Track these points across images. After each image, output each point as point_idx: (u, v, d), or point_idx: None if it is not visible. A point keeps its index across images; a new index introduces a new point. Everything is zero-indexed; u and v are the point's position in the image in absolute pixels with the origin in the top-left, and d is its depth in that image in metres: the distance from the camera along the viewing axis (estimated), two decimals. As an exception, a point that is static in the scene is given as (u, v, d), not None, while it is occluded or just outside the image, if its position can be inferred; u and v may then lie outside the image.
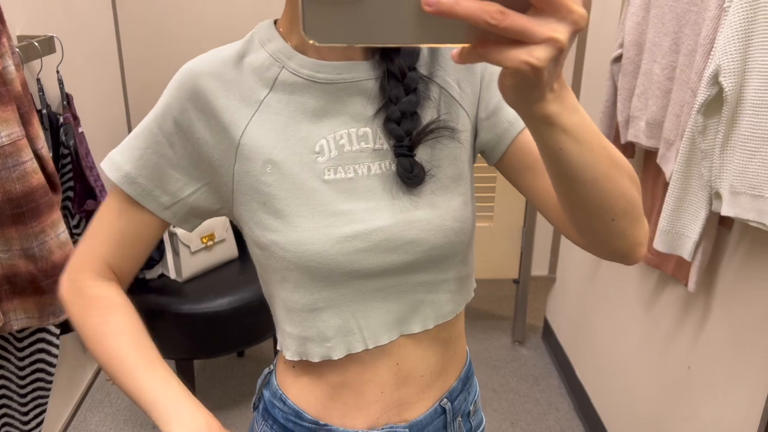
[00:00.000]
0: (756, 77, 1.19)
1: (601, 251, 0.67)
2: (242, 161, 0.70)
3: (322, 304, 0.72)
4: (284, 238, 0.69)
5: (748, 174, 1.22)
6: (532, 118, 0.52)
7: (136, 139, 0.73)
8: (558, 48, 0.45)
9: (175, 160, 0.72)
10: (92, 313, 0.74)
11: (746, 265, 1.37)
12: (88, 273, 0.75)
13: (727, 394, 1.43)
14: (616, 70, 1.76)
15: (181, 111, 0.70)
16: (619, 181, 0.59)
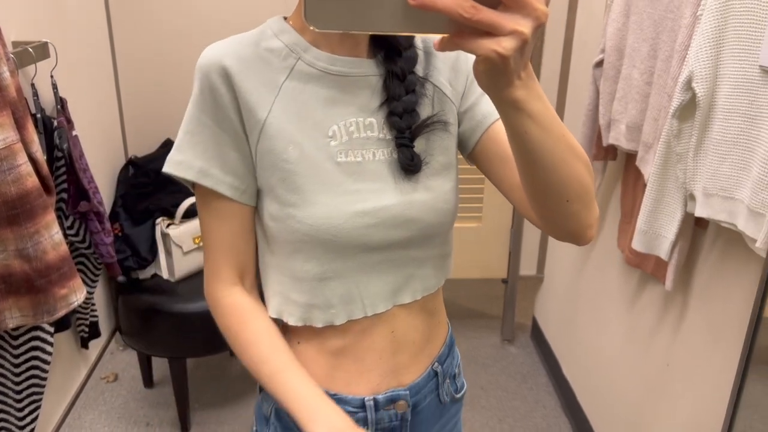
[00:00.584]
0: (726, 83, 1.23)
1: (557, 231, 0.75)
2: (266, 140, 0.76)
3: (330, 274, 0.79)
4: (303, 212, 0.76)
5: (719, 176, 1.26)
6: (501, 102, 0.59)
7: (189, 134, 0.77)
8: (522, 39, 0.52)
9: (228, 140, 0.77)
10: (232, 321, 0.81)
11: (721, 264, 1.41)
12: (219, 284, 0.81)
13: (703, 389, 1.47)
14: (598, 74, 1.81)
15: (217, 92, 0.75)
16: (575, 167, 0.67)
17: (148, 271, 2.21)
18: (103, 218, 1.92)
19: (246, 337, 0.80)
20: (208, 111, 0.76)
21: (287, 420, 0.85)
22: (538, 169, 0.65)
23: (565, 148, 0.65)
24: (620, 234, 1.85)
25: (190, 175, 0.77)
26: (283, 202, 0.77)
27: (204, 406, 2.34)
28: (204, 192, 0.78)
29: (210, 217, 0.79)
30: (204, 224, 0.81)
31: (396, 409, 0.87)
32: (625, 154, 1.81)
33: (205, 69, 0.75)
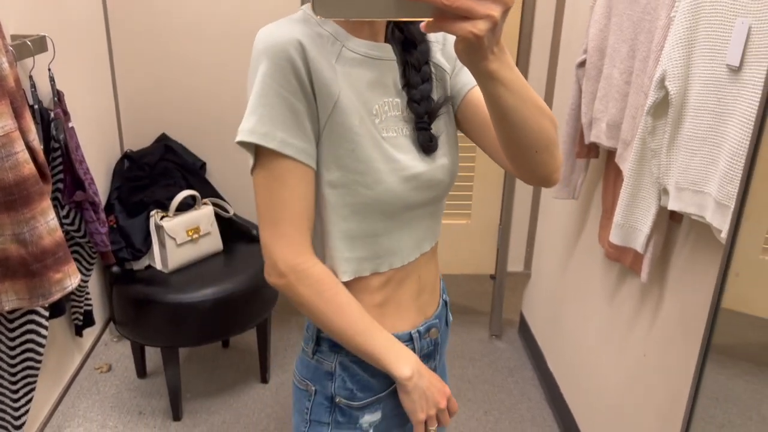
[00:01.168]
0: (697, 82, 1.29)
1: (529, 177, 0.90)
2: (339, 113, 0.86)
3: (380, 231, 0.93)
4: (368, 178, 0.88)
5: (690, 171, 1.31)
6: (479, 73, 0.73)
7: (269, 106, 0.83)
8: (493, 21, 0.65)
9: (302, 110, 0.84)
10: (325, 289, 0.89)
11: (694, 256, 1.46)
12: (302, 254, 0.87)
13: (677, 378, 1.52)
14: (580, 74, 1.86)
15: (295, 65, 0.82)
16: (541, 122, 0.81)
17: (142, 263, 2.25)
18: (98, 208, 1.97)
19: (341, 300, 0.89)
20: (286, 84, 0.82)
21: (353, 369, 0.98)
22: (511, 126, 0.79)
23: (533, 107, 0.79)
24: (601, 229, 1.90)
25: (274, 144, 0.83)
26: (349, 170, 0.87)
27: (196, 395, 2.39)
28: (281, 162, 0.84)
29: (284, 186, 0.84)
30: (275, 195, 0.85)
31: (431, 336, 1.04)
32: (606, 152, 1.86)
33: (281, 45, 0.81)
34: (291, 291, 0.88)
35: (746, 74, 1.15)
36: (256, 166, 0.86)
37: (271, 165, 0.85)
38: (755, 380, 1.22)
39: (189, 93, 2.57)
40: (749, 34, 1.14)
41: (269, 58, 0.81)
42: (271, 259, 0.87)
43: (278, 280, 0.88)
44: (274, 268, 0.87)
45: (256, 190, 0.86)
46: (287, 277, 0.87)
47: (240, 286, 2.21)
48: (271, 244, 0.86)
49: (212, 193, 2.51)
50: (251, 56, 0.84)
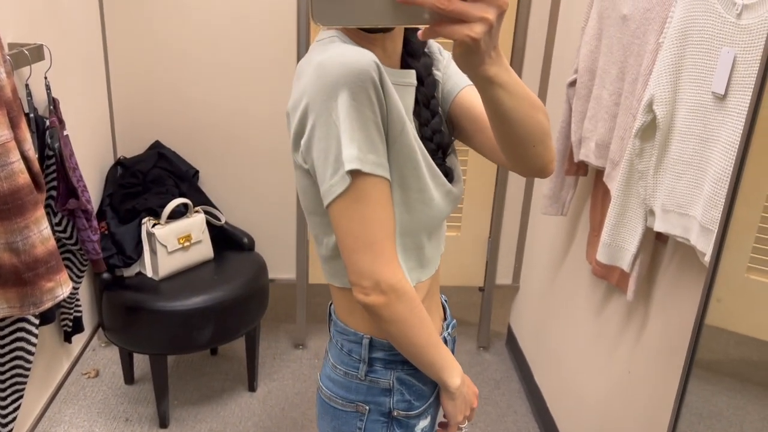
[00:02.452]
0: (684, 107, 1.32)
1: (526, 170, 0.94)
2: (404, 136, 0.88)
3: (425, 243, 0.98)
4: (425, 195, 0.92)
5: (676, 194, 1.34)
6: (477, 77, 0.74)
7: (362, 130, 0.83)
8: (489, 24, 0.67)
9: (381, 132, 0.86)
10: (415, 305, 0.91)
11: (678, 277, 1.49)
12: (399, 272, 0.88)
13: (660, 397, 1.55)
14: (571, 93, 1.89)
15: (377, 89, 0.83)
16: (537, 118, 0.84)
17: (132, 269, 2.26)
18: (91, 216, 1.97)
19: (424, 315, 0.93)
20: (370, 105, 0.82)
21: (410, 381, 1.02)
22: (510, 126, 0.82)
23: (529, 105, 0.82)
24: (589, 247, 1.93)
25: (369, 167, 0.83)
26: (410, 189, 0.91)
27: (183, 403, 2.39)
28: (375, 184, 0.85)
29: (379, 206, 0.85)
30: (371, 217, 0.85)
31: (453, 335, 1.14)
32: (595, 171, 1.89)
33: (363, 67, 0.81)
34: (389, 309, 0.88)
35: (731, 102, 1.18)
36: (345, 193, 0.84)
37: (365, 188, 0.84)
38: (738, 396, 1.25)
39: (183, 101, 2.58)
40: (734, 63, 1.17)
41: (353, 81, 0.81)
42: (373, 279, 0.86)
43: (378, 299, 0.87)
44: (375, 289, 0.87)
45: (343, 215, 0.85)
46: (388, 295, 0.87)
47: (230, 295, 2.22)
48: (372, 264, 0.86)
49: (204, 201, 2.52)
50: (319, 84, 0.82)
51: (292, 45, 2.48)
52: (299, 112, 0.85)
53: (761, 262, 1.13)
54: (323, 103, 0.81)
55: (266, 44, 2.48)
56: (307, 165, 0.89)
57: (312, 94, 0.82)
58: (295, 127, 0.87)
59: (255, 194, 2.70)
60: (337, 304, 1.04)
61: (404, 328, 0.90)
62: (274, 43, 2.48)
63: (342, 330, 1.03)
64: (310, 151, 0.86)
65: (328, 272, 1.01)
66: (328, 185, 0.85)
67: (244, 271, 2.34)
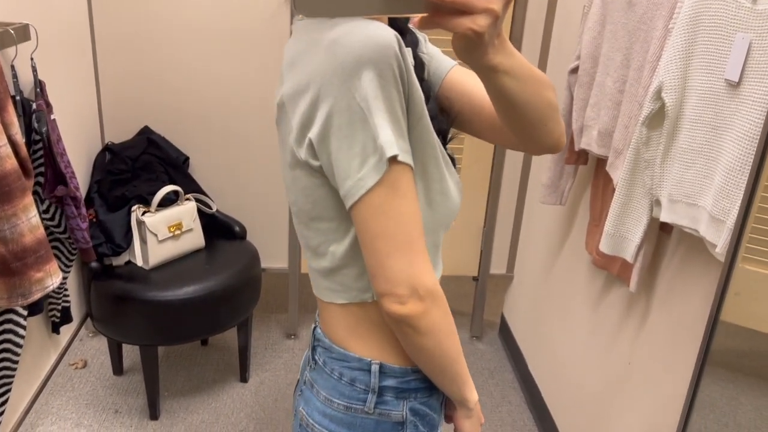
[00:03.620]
0: (694, 94, 1.29)
1: (537, 149, 0.88)
2: (426, 118, 0.78)
3: (440, 241, 0.87)
4: (444, 186, 0.82)
5: (684, 184, 1.32)
6: (480, 68, 0.68)
7: (395, 113, 0.72)
8: (494, 16, 0.60)
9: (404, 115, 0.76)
10: (447, 311, 0.80)
11: (682, 268, 1.47)
12: (433, 274, 0.77)
13: (661, 389, 1.53)
14: (572, 80, 1.86)
15: (402, 69, 0.72)
16: (545, 94, 0.79)
17: (121, 258, 2.20)
18: (80, 203, 1.91)
19: (453, 322, 0.82)
20: (397, 86, 0.72)
21: (423, 410, 0.90)
22: (518, 109, 0.76)
23: (536, 83, 0.76)
24: (588, 236, 1.90)
25: (402, 155, 0.72)
26: (433, 179, 0.80)
27: (174, 394, 2.35)
28: (405, 173, 0.73)
29: (410, 199, 0.74)
30: (405, 212, 0.73)
31: None
32: (596, 159, 1.86)
33: (390, 44, 0.70)
34: (427, 318, 0.76)
35: (745, 90, 1.15)
36: (378, 185, 0.72)
37: (401, 179, 0.73)
38: (731, 387, 1.24)
39: (173, 85, 2.52)
40: (750, 49, 1.14)
41: (379, 57, 0.69)
42: (411, 284, 0.74)
43: (417, 307, 0.75)
44: (413, 295, 0.74)
45: (376, 212, 0.73)
46: (426, 301, 0.75)
47: (222, 285, 2.17)
48: (410, 267, 0.73)
49: (195, 189, 2.47)
50: (336, 64, 0.70)
51: (284, 27, 2.42)
52: (306, 99, 0.73)
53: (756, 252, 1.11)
54: (342, 84, 0.70)
55: (258, 26, 2.42)
56: (318, 161, 0.76)
57: (326, 77, 0.71)
58: (300, 119, 0.75)
59: (247, 181, 2.65)
60: (335, 324, 0.88)
61: (440, 337, 0.79)
62: (265, 25, 2.42)
63: (341, 356, 0.88)
64: (327, 142, 0.73)
65: (330, 288, 0.87)
66: (355, 179, 0.72)
67: (236, 260, 2.30)
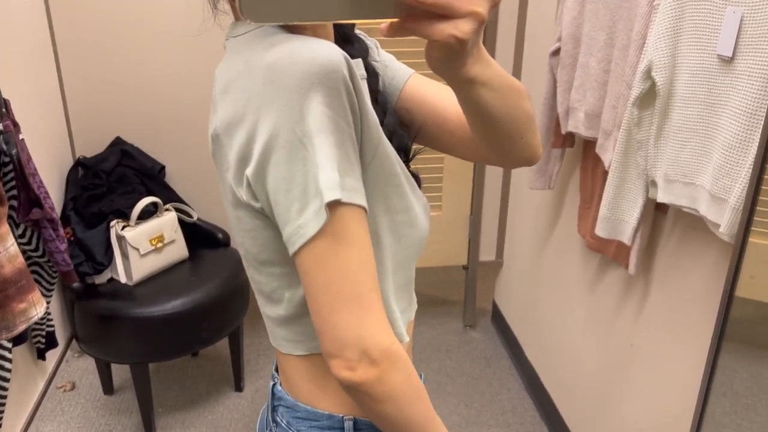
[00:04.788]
0: (685, 72, 1.27)
1: (513, 163, 0.80)
2: (383, 146, 0.69)
3: (413, 274, 0.79)
4: (410, 215, 0.74)
5: (680, 163, 1.30)
6: (457, 81, 0.60)
7: (344, 147, 0.62)
8: (480, 21, 0.52)
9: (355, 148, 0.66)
10: (411, 371, 0.68)
11: (681, 247, 1.46)
12: (391, 333, 0.65)
13: (666, 368, 1.52)
14: (554, 63, 1.83)
15: (350, 93, 0.63)
16: (522, 106, 0.71)
17: (104, 276, 2.13)
18: (57, 225, 1.84)
19: (420, 383, 0.69)
20: (344, 114, 0.62)
21: None
22: (495, 123, 0.68)
23: (514, 95, 0.69)
24: (580, 219, 1.89)
25: (357, 197, 0.63)
26: (396, 210, 0.72)
27: (168, 410, 2.30)
28: (354, 215, 0.63)
29: (362, 247, 0.63)
30: (353, 261, 0.63)
31: None
32: (583, 141, 1.84)
33: (337, 67, 0.61)
34: (383, 384, 0.64)
35: (740, 65, 1.13)
36: (321, 234, 0.61)
37: (347, 224, 0.62)
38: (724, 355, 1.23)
39: (142, 93, 2.44)
40: (741, 23, 1.12)
41: (324, 83, 0.60)
42: (359, 347, 0.62)
43: (369, 373, 0.63)
44: (362, 359, 0.62)
45: (318, 264, 0.62)
46: (381, 365, 0.63)
47: (210, 295, 2.12)
48: (359, 327, 0.62)
49: (174, 198, 2.40)
50: (273, 91, 0.60)
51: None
52: (243, 132, 0.62)
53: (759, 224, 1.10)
54: (281, 116, 0.60)
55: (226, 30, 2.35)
56: (258, 203, 0.65)
57: (264, 106, 0.60)
58: (237, 154, 0.64)
59: (226, 187, 2.58)
60: (298, 379, 0.77)
61: (401, 405, 0.66)
62: (235, 26, 2.35)
63: (308, 415, 0.77)
64: (264, 182, 0.63)
65: (288, 338, 0.76)
66: (294, 226, 0.62)
67: (222, 268, 2.24)
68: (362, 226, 0.63)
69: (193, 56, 2.40)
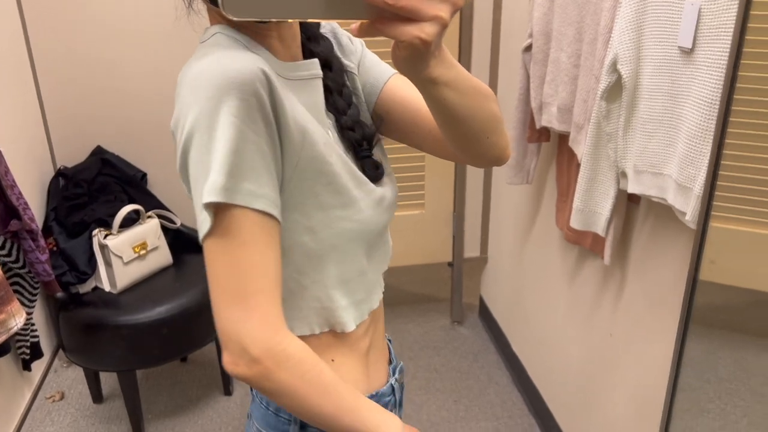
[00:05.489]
0: (649, 64, 1.29)
1: (482, 162, 0.84)
2: (310, 147, 0.73)
3: (366, 266, 0.83)
4: (349, 211, 0.77)
5: (648, 154, 1.32)
6: (421, 80, 0.65)
7: (237, 154, 0.65)
8: (442, 24, 0.58)
9: (270, 156, 0.69)
10: (307, 369, 0.70)
11: (653, 237, 1.48)
12: (279, 332, 0.68)
13: (645, 356, 1.55)
14: (527, 59, 1.85)
15: (263, 105, 0.67)
16: (487, 107, 0.76)
17: (88, 285, 2.14)
18: (37, 235, 1.84)
19: (326, 380, 0.72)
20: (252, 125, 0.66)
21: None
22: (459, 123, 0.73)
23: (478, 96, 0.73)
24: (558, 213, 1.91)
25: (239, 198, 0.66)
26: (329, 207, 0.76)
27: (158, 416, 2.30)
28: (248, 218, 0.67)
29: (254, 248, 0.67)
30: (243, 261, 0.66)
31: (399, 381, 0.95)
32: (558, 135, 1.86)
33: (248, 78, 0.65)
34: (267, 381, 0.68)
35: (699, 56, 1.15)
36: (213, 230, 0.66)
37: (237, 225, 0.66)
38: (707, 342, 1.25)
39: (121, 102, 2.44)
40: (700, 15, 1.14)
41: (234, 95, 0.65)
42: (239, 344, 0.66)
43: (249, 369, 0.67)
44: (243, 356, 0.66)
45: (211, 258, 0.67)
46: (263, 363, 0.67)
47: (195, 300, 2.13)
48: (239, 323, 0.66)
49: (156, 205, 2.40)
50: (194, 98, 0.66)
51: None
52: (177, 131, 0.69)
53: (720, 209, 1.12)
54: (197, 121, 0.66)
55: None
56: None
57: (187, 110, 0.66)
58: (178, 150, 0.71)
59: (209, 192, 2.59)
60: None
61: (297, 400, 0.70)
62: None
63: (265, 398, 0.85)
64: (186, 177, 0.70)
65: None
66: (198, 221, 0.67)
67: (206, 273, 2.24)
68: (259, 228, 0.67)
69: (172, 63, 2.40)
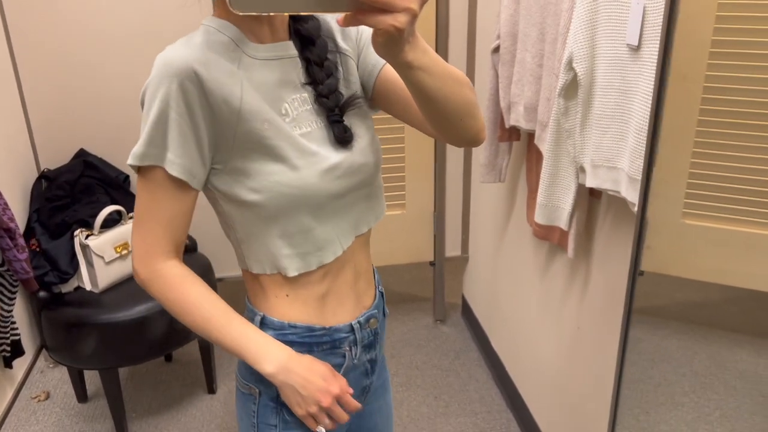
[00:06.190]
0: (602, 62, 1.33)
1: (458, 142, 0.95)
2: (244, 123, 0.88)
3: (313, 225, 0.94)
4: (289, 176, 0.90)
5: (603, 148, 1.36)
6: (398, 64, 0.76)
7: (157, 128, 0.85)
8: (413, 14, 0.69)
9: (195, 134, 0.87)
10: (170, 290, 0.92)
11: (614, 230, 1.52)
12: (157, 258, 0.91)
13: (609, 347, 1.58)
14: (496, 59, 1.89)
15: (189, 94, 0.85)
16: (461, 93, 0.86)
17: (70, 285, 2.17)
18: (15, 234, 1.88)
19: (191, 300, 0.92)
20: (176, 108, 0.85)
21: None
22: (435, 105, 0.84)
23: (452, 82, 0.84)
24: (528, 209, 1.94)
25: (159, 163, 0.86)
26: (268, 173, 0.89)
27: (142, 415, 2.33)
28: (156, 174, 0.87)
29: (154, 197, 0.89)
30: (144, 204, 0.90)
31: (370, 326, 1.07)
32: (527, 134, 1.90)
33: (176, 74, 0.84)
34: (147, 289, 0.93)
35: (645, 53, 1.19)
36: (138, 181, 0.91)
37: (150, 179, 0.89)
38: (686, 338, 1.28)
39: (104, 105, 2.48)
40: (645, 13, 1.18)
41: (164, 84, 0.84)
42: (135, 257, 0.92)
43: (137, 276, 0.93)
44: (134, 267, 0.93)
45: (136, 197, 0.91)
46: (140, 275, 0.92)
47: (176, 299, 2.16)
48: (134, 243, 0.92)
49: (139, 206, 2.44)
50: (150, 78, 0.86)
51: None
52: None
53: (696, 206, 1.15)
54: (145, 98, 0.87)
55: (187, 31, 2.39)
56: None
57: (145, 87, 0.88)
58: None
59: (192, 193, 2.62)
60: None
61: (171, 310, 0.93)
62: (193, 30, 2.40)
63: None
64: None
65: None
66: None
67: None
68: (163, 185, 0.88)
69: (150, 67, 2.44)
